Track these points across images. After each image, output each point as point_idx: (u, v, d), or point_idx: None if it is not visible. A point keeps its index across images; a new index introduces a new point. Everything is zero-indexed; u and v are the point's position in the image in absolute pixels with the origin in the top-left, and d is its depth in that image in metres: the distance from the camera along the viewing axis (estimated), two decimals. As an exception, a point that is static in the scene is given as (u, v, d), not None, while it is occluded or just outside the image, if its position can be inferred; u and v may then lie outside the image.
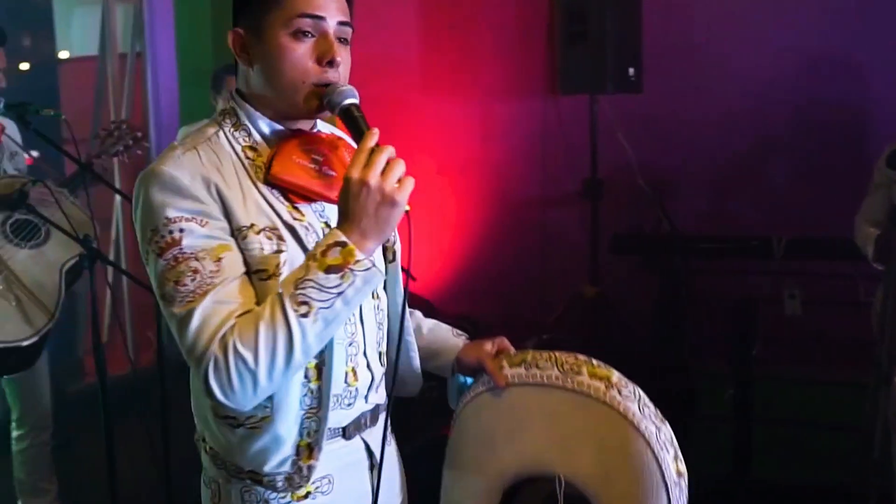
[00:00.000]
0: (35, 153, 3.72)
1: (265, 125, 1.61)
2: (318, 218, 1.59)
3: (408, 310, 1.82)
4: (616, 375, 1.63)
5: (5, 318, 2.99)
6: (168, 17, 5.15)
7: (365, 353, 1.67)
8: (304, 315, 1.41)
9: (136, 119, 5.17)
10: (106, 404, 2.91)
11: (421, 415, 2.05)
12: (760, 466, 3.84)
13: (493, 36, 5.22)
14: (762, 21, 4.62)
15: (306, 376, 1.56)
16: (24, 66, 5.90)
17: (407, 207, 1.45)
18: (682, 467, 1.60)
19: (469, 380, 1.82)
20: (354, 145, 1.57)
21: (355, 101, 1.53)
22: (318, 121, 1.69)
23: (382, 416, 1.78)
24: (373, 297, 1.70)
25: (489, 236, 5.32)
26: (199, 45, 5.22)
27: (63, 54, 5.65)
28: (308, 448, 1.58)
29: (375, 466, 1.73)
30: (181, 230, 1.47)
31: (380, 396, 1.75)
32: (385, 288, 1.77)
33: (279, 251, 1.51)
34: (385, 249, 1.73)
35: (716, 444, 3.91)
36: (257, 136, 1.60)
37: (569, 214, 5.12)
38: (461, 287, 5.34)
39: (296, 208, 1.57)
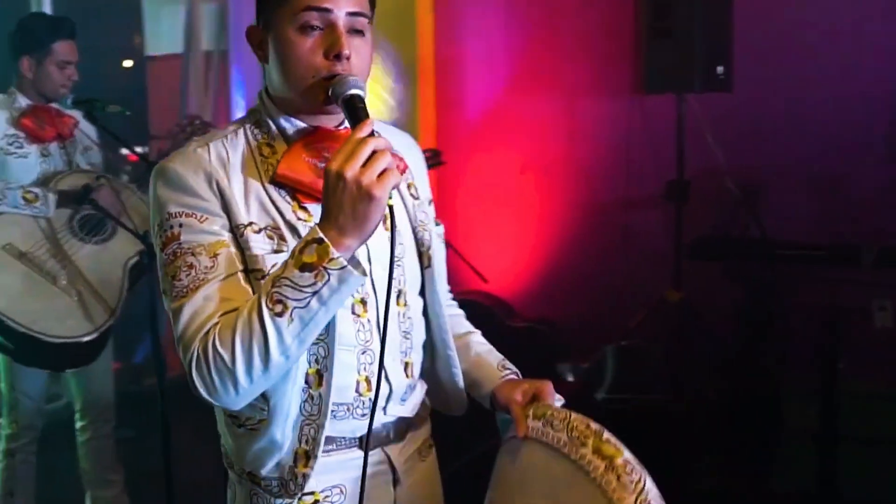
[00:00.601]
0: (139, 150, 3.77)
1: (286, 122, 1.57)
2: None
3: (444, 319, 1.72)
4: (623, 457, 1.39)
5: (67, 313, 3.03)
6: (252, 15, 5.17)
7: (382, 363, 1.60)
8: (279, 314, 1.36)
9: (221, 117, 5.22)
10: (164, 403, 2.93)
11: (465, 432, 1.96)
12: (846, 488, 3.63)
13: (578, 33, 5.10)
14: (860, 17, 4.39)
15: (307, 382, 1.51)
16: (128, 63, 6.05)
17: (391, 203, 1.37)
18: None
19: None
20: None
21: (358, 91, 1.46)
22: None
23: (412, 432, 1.71)
24: (398, 303, 1.63)
25: (571, 237, 5.21)
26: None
27: (151, 52, 5.75)
28: (305, 455, 1.53)
29: (399, 482, 1.67)
30: (180, 225, 1.47)
31: (407, 409, 1.68)
32: (422, 294, 1.70)
33: (279, 251, 1.47)
34: (420, 255, 1.67)
35: (800, 461, 3.74)
36: (277, 134, 1.57)
37: (653, 216, 4.98)
38: (541, 289, 5.25)
39: (303, 208, 1.52)
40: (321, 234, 1.35)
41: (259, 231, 1.48)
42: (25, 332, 2.93)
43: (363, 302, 1.56)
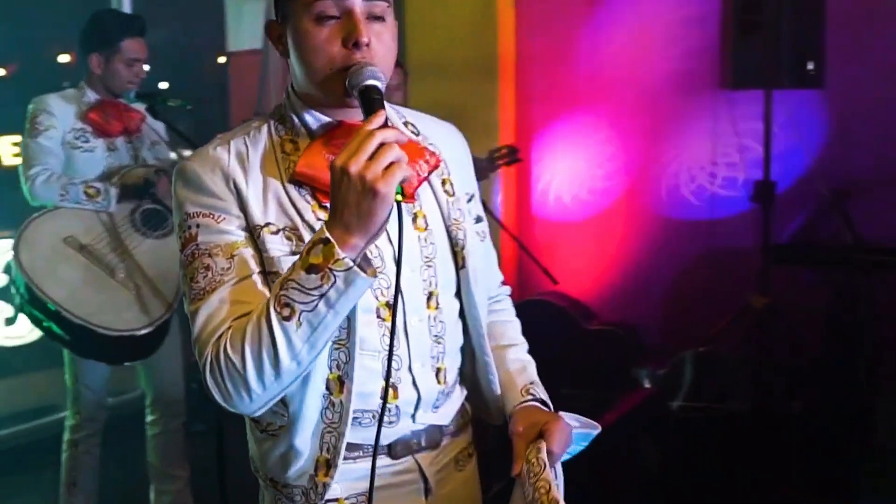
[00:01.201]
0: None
1: (311, 118, 1.51)
2: None
3: (481, 322, 1.63)
4: None
5: (124, 306, 3.04)
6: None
7: (410, 369, 1.52)
8: (287, 318, 1.30)
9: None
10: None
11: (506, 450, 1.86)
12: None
13: (663, 26, 4.95)
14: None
15: (328, 388, 1.45)
16: (222, 59, 6.11)
17: (398, 198, 1.28)
18: None
19: None
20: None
21: (375, 82, 1.38)
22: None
23: (448, 441, 1.64)
24: (428, 306, 1.54)
25: (653, 238, 5.06)
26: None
27: (233, 48, 5.78)
28: (326, 464, 1.48)
29: (431, 492, 1.60)
30: (198, 226, 1.43)
31: (440, 417, 1.60)
32: (458, 296, 1.61)
33: (297, 252, 1.40)
34: (455, 255, 1.58)
35: (888, 479, 3.58)
36: (301, 130, 1.51)
37: (739, 218, 4.81)
38: (622, 291, 5.11)
39: (324, 207, 1.45)
40: (327, 234, 1.29)
41: (276, 232, 1.43)
42: (82, 324, 2.95)
43: (388, 305, 1.49)
